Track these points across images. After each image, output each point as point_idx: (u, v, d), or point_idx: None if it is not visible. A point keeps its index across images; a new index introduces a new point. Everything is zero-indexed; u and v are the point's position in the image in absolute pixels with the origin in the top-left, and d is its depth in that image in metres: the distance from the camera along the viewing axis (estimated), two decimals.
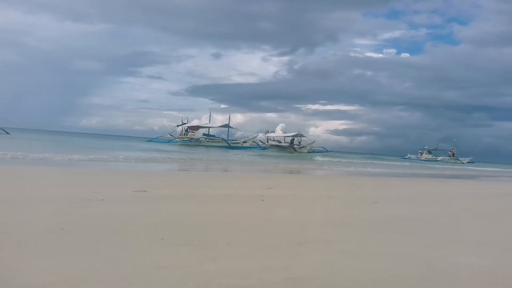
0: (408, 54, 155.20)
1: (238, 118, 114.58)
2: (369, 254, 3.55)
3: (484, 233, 4.88)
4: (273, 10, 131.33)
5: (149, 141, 58.06)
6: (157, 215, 5.08)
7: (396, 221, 5.53)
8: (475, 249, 3.94)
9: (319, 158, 42.56)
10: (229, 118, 60.75)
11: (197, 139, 57.85)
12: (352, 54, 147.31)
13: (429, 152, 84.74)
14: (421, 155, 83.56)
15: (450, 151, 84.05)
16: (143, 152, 28.13)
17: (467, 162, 77.24)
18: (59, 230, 3.88)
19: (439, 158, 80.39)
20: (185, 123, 62.79)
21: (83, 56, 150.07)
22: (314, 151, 62.88)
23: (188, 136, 59.80)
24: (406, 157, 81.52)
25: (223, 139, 57.89)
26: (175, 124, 65.26)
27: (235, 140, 58.12)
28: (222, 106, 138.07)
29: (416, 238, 4.39)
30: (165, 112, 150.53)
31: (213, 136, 59.84)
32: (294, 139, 63.88)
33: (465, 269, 3.24)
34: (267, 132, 67.68)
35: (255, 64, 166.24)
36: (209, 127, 61.27)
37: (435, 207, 7.56)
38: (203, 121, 62.63)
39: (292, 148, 62.98)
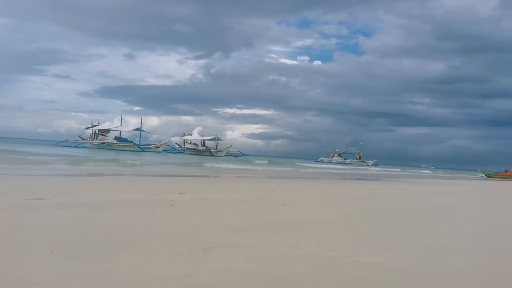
0: (320, 62, 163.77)
1: (153, 121, 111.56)
2: (273, 257, 3.53)
3: (383, 232, 5.14)
4: (188, 13, 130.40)
5: (57, 144, 54.14)
6: (50, 224, 4.62)
7: (303, 223, 5.63)
8: (373, 248, 4.11)
9: (235, 161, 42.86)
10: (141, 121, 58.87)
11: (108, 143, 55.14)
12: (267, 60, 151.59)
13: (340, 155, 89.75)
14: (332, 158, 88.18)
15: (358, 154, 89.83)
16: (47, 156, 25.97)
17: (371, 165, 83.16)
18: None
19: (347, 161, 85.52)
20: (95, 126, 59.54)
21: None
22: (231, 155, 63.37)
23: (98, 140, 56.80)
24: (319, 160, 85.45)
25: (134, 143, 55.87)
26: (84, 127, 61.68)
27: (148, 145, 56.41)
28: (136, 108, 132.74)
29: (321, 239, 4.49)
30: (73, 113, 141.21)
31: (125, 139, 57.55)
32: (204, 141, 63.76)
33: (362, 267, 3.34)
34: (184, 135, 66.70)
35: (171, 67, 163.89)
36: (120, 131, 58.73)
37: (340, 208, 7.90)
38: (115, 124, 59.94)
39: (209, 151, 62.78)
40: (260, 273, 3.05)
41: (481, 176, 45.19)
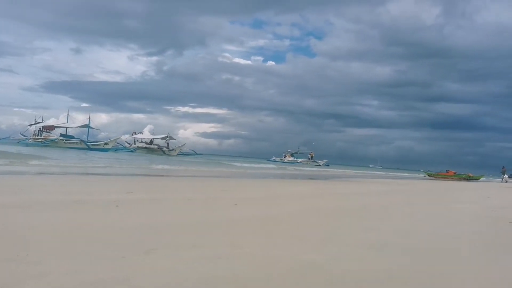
0: (273, 63, 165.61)
1: (102, 118, 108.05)
2: (217, 257, 3.49)
3: (328, 230, 5.24)
4: (139, 9, 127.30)
5: None
6: None
7: (252, 222, 5.63)
8: (317, 246, 4.17)
9: (187, 160, 42.33)
10: (89, 117, 56.71)
11: (52, 140, 52.70)
12: (220, 59, 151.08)
13: (292, 155, 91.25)
14: (284, 157, 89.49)
15: (310, 154, 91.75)
16: None
17: (323, 164, 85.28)
18: None
19: (299, 160, 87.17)
20: (39, 122, 56.74)
21: None
22: (183, 154, 62.60)
23: (42, 137, 54.10)
24: (272, 159, 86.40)
25: (82, 140, 53.69)
26: (27, 123, 58.61)
27: (96, 142, 54.41)
28: (84, 105, 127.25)
29: (268, 238, 4.50)
30: (15, 109, 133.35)
31: (72, 137, 55.17)
32: (154, 140, 62.70)
33: (306, 266, 3.38)
34: (134, 133, 65.13)
35: (121, 63, 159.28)
36: (66, 127, 56.28)
37: (290, 207, 7.98)
38: (61, 120, 57.40)
39: (161, 150, 61.67)
40: (203, 274, 3.00)
41: (424, 176, 47.48)
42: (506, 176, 44.03)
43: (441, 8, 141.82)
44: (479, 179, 45.05)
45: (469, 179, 43.52)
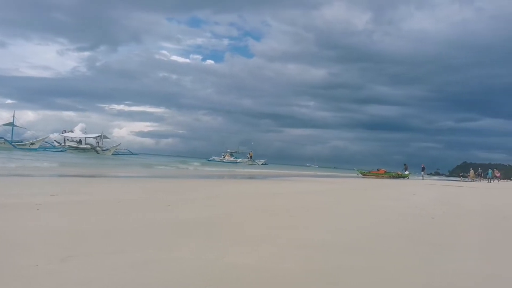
0: (213, 62, 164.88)
1: (29, 115, 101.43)
2: (144, 262, 3.28)
3: (263, 231, 5.17)
4: (69, 1, 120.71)
5: None
6: None
7: (184, 224, 5.43)
8: (251, 248, 4.08)
9: (121, 160, 40.81)
10: (14, 115, 52.96)
11: None
12: (157, 57, 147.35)
13: (231, 154, 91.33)
14: (224, 157, 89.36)
15: (249, 153, 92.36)
16: None
17: (261, 164, 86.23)
18: None
19: (238, 160, 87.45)
20: None
21: None
22: (118, 154, 60.43)
23: None
24: (211, 159, 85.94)
25: (5, 140, 49.96)
26: None
27: (22, 141, 50.91)
28: (8, 101, 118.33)
29: (200, 241, 4.34)
30: None
31: None
32: (80, 139, 60.16)
33: (237, 269, 3.27)
34: (64, 131, 61.73)
35: (50, 57, 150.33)
36: None
37: (225, 207, 7.86)
38: None
39: (94, 150, 59.09)
40: (125, 282, 2.79)
41: (358, 174, 49.57)
42: (423, 172, 49.01)
43: (370, 15, 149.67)
44: (407, 177, 47.85)
45: (398, 177, 46.12)
